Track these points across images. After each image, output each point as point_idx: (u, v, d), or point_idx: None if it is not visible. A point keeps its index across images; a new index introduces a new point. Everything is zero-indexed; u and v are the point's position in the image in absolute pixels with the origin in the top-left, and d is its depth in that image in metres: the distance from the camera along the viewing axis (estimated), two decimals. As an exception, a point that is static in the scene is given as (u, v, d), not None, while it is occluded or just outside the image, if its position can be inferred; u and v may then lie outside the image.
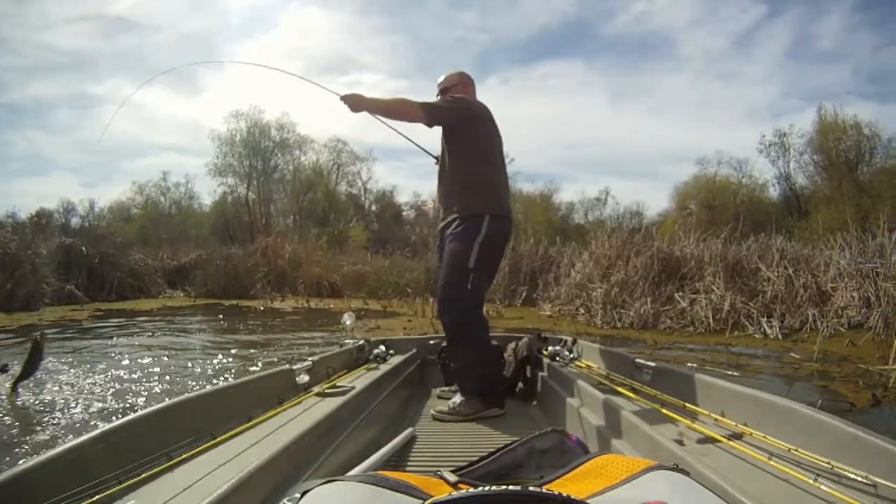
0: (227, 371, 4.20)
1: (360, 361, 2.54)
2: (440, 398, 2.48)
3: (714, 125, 42.54)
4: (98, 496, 0.86)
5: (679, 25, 43.19)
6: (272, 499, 0.99)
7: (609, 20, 45.23)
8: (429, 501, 0.54)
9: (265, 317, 9.02)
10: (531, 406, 2.44)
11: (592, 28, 43.86)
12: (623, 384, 1.86)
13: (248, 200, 29.50)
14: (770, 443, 1.10)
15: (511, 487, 0.53)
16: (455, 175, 2.32)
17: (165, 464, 1.02)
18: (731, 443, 1.17)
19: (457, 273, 2.19)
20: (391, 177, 56.60)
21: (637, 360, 1.96)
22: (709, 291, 7.62)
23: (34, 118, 42.05)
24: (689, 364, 4.52)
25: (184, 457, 1.07)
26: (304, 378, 1.85)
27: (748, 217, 13.79)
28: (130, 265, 12.62)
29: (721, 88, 41.66)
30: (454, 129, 2.33)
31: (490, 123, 2.39)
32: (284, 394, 1.69)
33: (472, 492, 0.54)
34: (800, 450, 1.01)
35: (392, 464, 1.53)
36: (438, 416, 2.15)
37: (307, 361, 1.97)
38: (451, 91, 2.42)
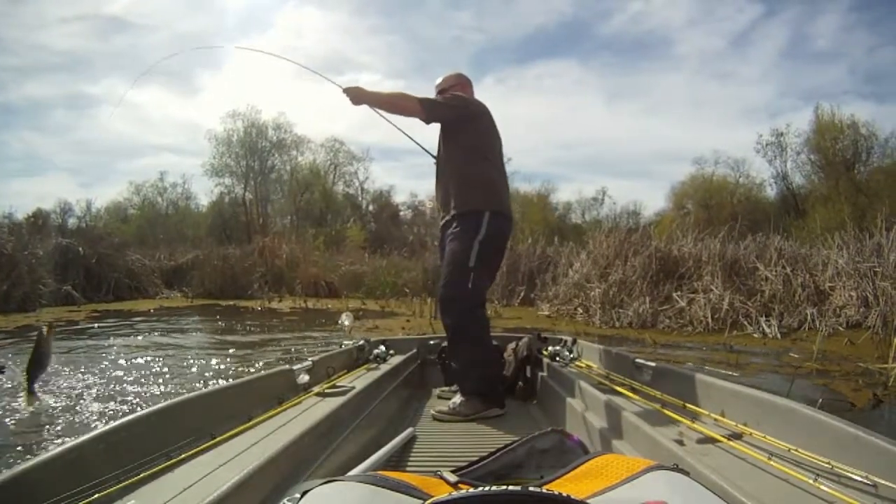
0: (226, 372, 4.20)
1: (360, 361, 2.54)
2: (440, 398, 2.47)
3: (711, 125, 42.72)
4: (98, 496, 0.85)
5: (675, 25, 43.27)
6: (272, 499, 0.99)
7: (605, 20, 45.40)
8: (429, 501, 0.54)
9: (263, 317, 9.00)
10: (531, 406, 2.44)
11: (588, 28, 43.95)
12: (623, 384, 1.86)
13: (245, 201, 29.38)
14: (770, 443, 1.10)
15: (511, 487, 0.53)
16: (453, 172, 2.31)
17: (165, 464, 1.02)
18: (731, 443, 1.17)
19: (457, 272, 2.18)
20: (388, 177, 56.93)
21: (637, 360, 1.96)
22: (707, 291, 7.63)
23: (30, 118, 41.96)
24: (689, 364, 4.53)
25: (183, 457, 1.07)
26: (304, 378, 1.84)
27: (745, 216, 13.79)
28: (127, 266, 12.60)
29: (717, 88, 41.83)
30: (452, 127, 2.32)
31: (489, 122, 2.37)
32: (284, 394, 1.69)
33: (472, 492, 0.54)
34: (800, 450, 1.01)
35: (392, 464, 1.53)
36: (438, 417, 2.14)
37: (307, 361, 1.96)
38: (449, 92, 2.40)
